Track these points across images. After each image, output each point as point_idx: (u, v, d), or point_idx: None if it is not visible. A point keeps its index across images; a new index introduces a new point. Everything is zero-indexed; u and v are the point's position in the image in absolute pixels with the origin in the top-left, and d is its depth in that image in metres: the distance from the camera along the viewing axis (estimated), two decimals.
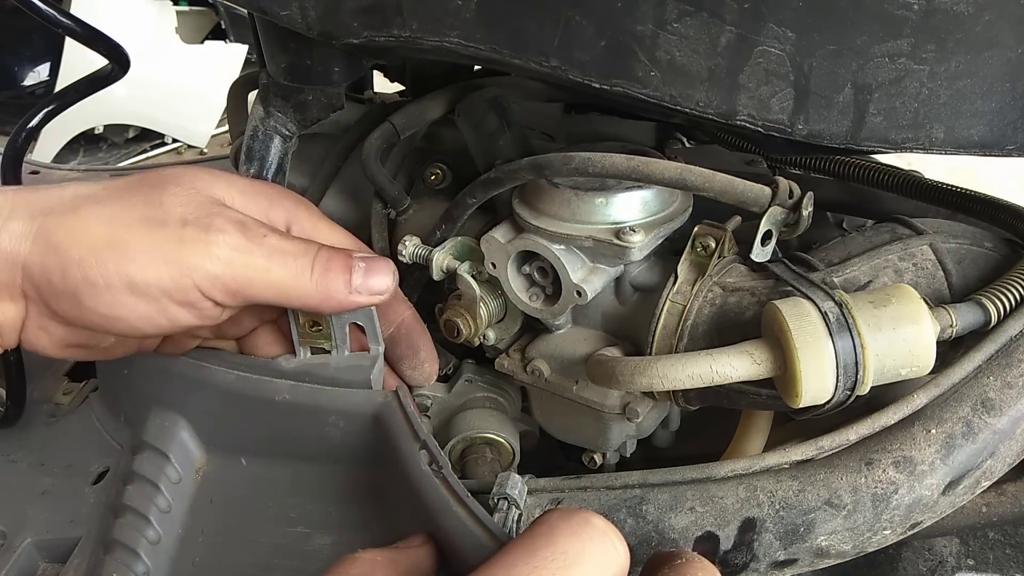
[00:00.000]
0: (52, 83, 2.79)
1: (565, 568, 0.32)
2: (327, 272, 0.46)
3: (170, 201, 0.44)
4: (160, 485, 0.49)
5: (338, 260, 0.47)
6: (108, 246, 0.42)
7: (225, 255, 0.43)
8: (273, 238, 0.45)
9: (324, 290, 0.46)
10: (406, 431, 0.45)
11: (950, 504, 0.44)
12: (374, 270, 0.48)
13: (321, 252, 0.46)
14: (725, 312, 0.51)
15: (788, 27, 0.40)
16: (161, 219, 0.43)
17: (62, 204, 0.43)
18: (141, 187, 0.45)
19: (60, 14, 0.59)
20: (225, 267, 0.43)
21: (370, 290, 0.47)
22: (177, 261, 0.42)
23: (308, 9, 0.48)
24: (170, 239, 0.42)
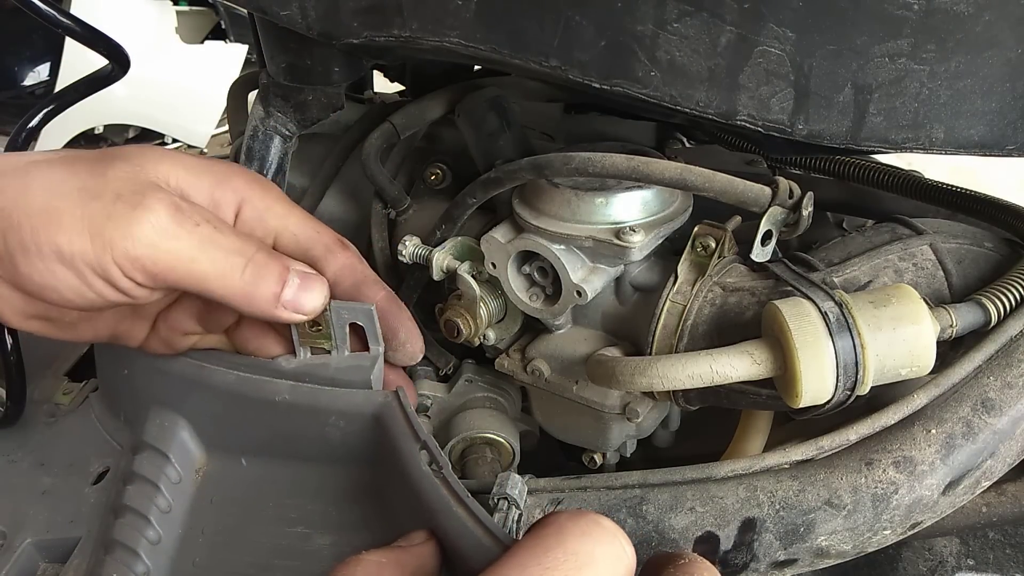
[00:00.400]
0: (52, 83, 2.79)
1: (576, 569, 0.31)
2: (258, 279, 0.45)
3: (112, 174, 0.43)
4: (160, 485, 0.49)
5: (272, 269, 0.45)
6: (43, 212, 0.42)
7: (148, 236, 0.42)
8: (207, 228, 0.44)
9: (249, 295, 0.45)
10: (406, 431, 0.45)
11: (950, 504, 0.44)
12: (307, 287, 0.47)
13: (258, 255, 0.45)
14: (725, 312, 0.51)
15: (788, 27, 0.40)
16: (98, 191, 0.42)
17: (15, 168, 0.43)
18: (91, 159, 0.44)
19: (60, 14, 0.59)
20: (145, 249, 0.42)
21: (297, 308, 0.46)
22: (100, 235, 0.41)
23: (308, 9, 0.48)
24: (99, 212, 0.42)
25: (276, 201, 0.50)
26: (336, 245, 0.50)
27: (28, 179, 0.42)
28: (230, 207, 0.48)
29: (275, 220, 0.49)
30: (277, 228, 0.49)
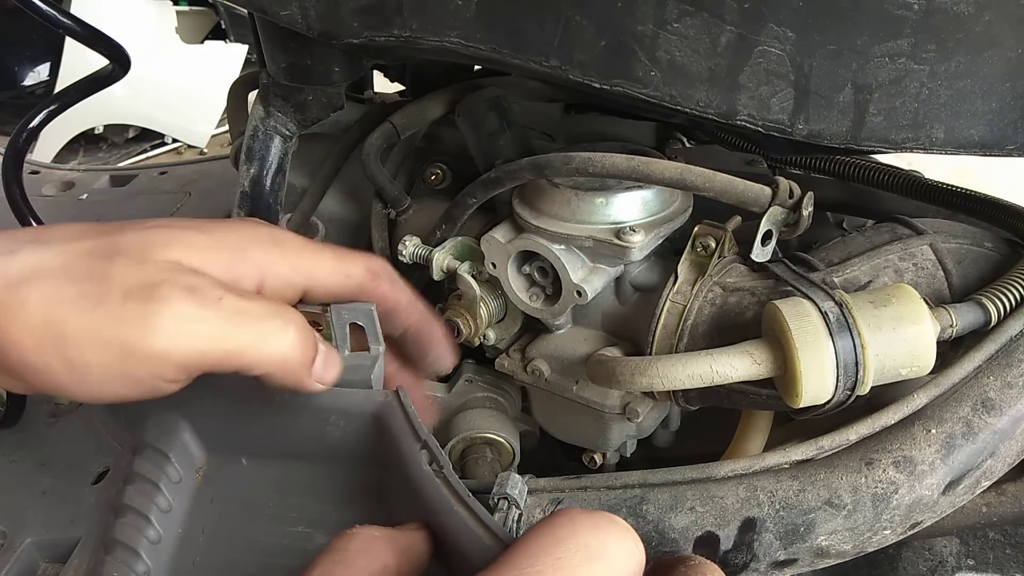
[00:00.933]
0: (52, 83, 2.79)
1: (588, 561, 0.31)
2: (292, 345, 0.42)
3: (116, 272, 0.40)
4: (160, 485, 0.49)
5: (307, 333, 0.43)
6: (44, 327, 0.38)
7: (167, 329, 0.39)
8: (231, 299, 0.41)
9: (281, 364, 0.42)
10: (406, 431, 0.45)
11: (950, 504, 0.44)
12: (330, 362, 0.45)
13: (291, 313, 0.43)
14: (725, 312, 0.51)
15: (788, 27, 0.40)
16: (101, 295, 0.39)
17: (9, 276, 0.39)
18: (91, 258, 0.41)
19: (60, 14, 0.59)
20: (170, 343, 0.39)
21: (322, 380, 0.44)
22: (115, 342, 0.38)
23: (308, 9, 0.48)
24: (107, 317, 0.39)
25: (299, 259, 0.47)
26: (368, 282, 0.48)
27: (24, 290, 0.39)
28: (251, 281, 0.45)
29: (302, 279, 0.47)
30: (306, 286, 0.47)
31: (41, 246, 0.41)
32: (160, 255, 0.41)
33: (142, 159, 3.09)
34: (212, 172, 1.28)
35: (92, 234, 0.42)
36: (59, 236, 0.42)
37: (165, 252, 0.42)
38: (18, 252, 0.40)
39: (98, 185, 1.29)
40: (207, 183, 1.24)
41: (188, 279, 0.40)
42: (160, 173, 1.31)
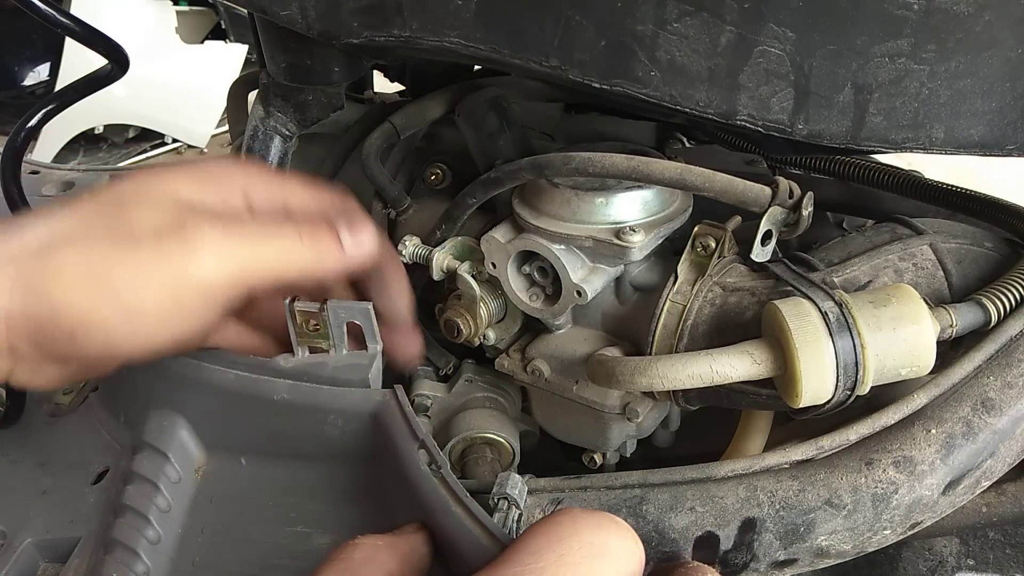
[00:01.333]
0: (52, 83, 2.79)
1: (591, 558, 0.31)
2: (316, 240, 0.45)
3: (137, 216, 0.42)
4: (160, 485, 0.49)
5: (323, 228, 0.46)
6: (92, 280, 0.40)
7: (212, 256, 0.42)
8: (250, 224, 0.44)
9: (319, 260, 0.45)
10: (404, 430, 0.45)
11: (950, 504, 0.44)
12: (356, 227, 0.47)
13: (302, 223, 0.46)
14: (725, 312, 0.51)
15: (788, 27, 0.40)
16: (135, 238, 0.41)
17: (34, 247, 0.41)
18: (106, 209, 0.43)
19: (60, 14, 0.59)
20: (215, 267, 0.42)
21: (360, 248, 0.47)
22: (165, 277, 0.41)
23: (308, 9, 0.48)
24: (151, 257, 0.41)
25: (272, 179, 0.50)
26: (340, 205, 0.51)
27: (57, 254, 0.41)
28: (239, 201, 0.48)
29: (279, 194, 0.49)
30: (285, 201, 0.50)
31: (47, 217, 0.43)
32: (164, 195, 0.44)
33: (142, 159, 3.09)
34: None
35: (88, 198, 0.44)
36: (58, 207, 0.43)
37: (166, 191, 0.44)
38: (27, 227, 0.42)
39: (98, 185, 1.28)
40: None
41: (205, 211, 0.43)
42: None
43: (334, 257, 0.46)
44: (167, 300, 0.41)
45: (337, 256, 0.46)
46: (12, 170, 0.63)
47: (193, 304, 0.42)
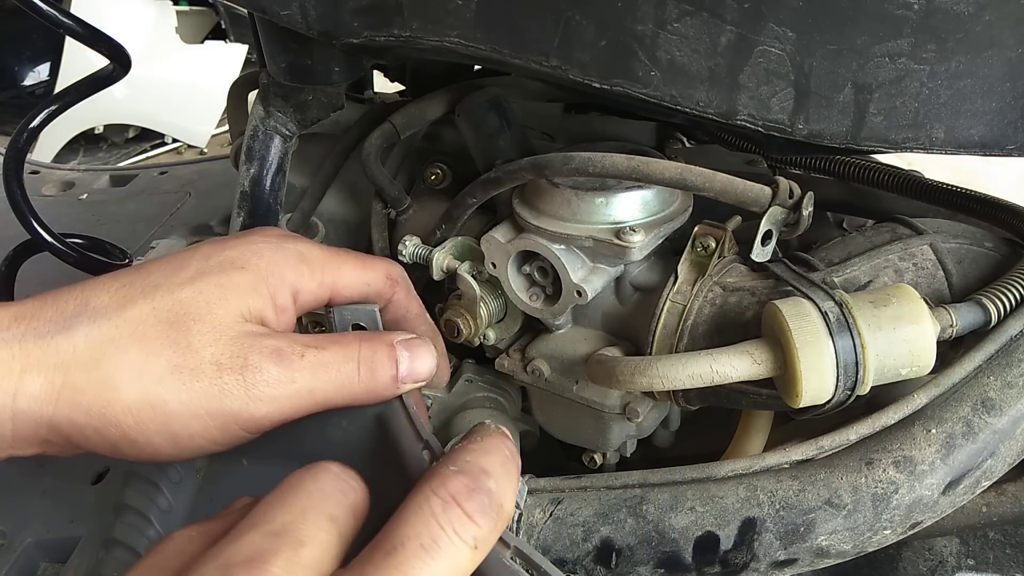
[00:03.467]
0: (52, 83, 2.80)
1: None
2: (373, 373, 0.45)
3: (198, 342, 0.41)
4: (160, 485, 0.49)
5: (380, 355, 0.45)
6: (146, 406, 0.40)
7: (268, 394, 0.42)
8: (311, 354, 0.43)
9: (371, 391, 0.45)
10: (408, 431, 0.45)
11: (950, 504, 0.44)
12: (416, 355, 0.46)
13: (363, 350, 0.45)
14: (725, 312, 0.51)
15: (788, 27, 0.40)
16: (194, 366, 0.41)
17: (80, 355, 0.40)
18: (166, 324, 0.42)
19: (60, 14, 0.59)
20: (269, 406, 0.42)
21: (415, 377, 0.46)
22: (220, 413, 0.41)
23: (308, 9, 0.48)
24: (209, 391, 0.41)
25: (324, 274, 0.48)
26: (386, 288, 0.51)
27: (106, 368, 0.40)
28: (288, 298, 0.47)
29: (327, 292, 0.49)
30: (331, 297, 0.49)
31: (94, 317, 0.41)
32: (226, 313, 0.43)
33: (142, 159, 3.09)
34: (212, 172, 1.28)
35: (139, 293, 0.43)
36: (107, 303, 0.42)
37: (228, 308, 0.43)
38: (73, 327, 0.41)
39: (98, 185, 1.29)
40: (207, 183, 1.24)
41: (269, 341, 0.43)
42: (160, 173, 1.31)
43: (388, 390, 0.45)
44: (216, 431, 0.42)
45: (391, 389, 0.46)
46: (15, 170, 0.63)
47: (242, 435, 0.43)
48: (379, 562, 0.33)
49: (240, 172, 0.62)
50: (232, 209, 0.63)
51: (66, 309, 0.41)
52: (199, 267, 0.44)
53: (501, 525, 0.36)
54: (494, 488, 0.36)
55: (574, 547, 0.45)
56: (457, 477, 0.36)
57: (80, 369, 0.40)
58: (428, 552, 0.33)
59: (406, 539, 0.34)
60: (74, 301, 0.42)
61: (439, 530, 0.34)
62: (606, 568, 0.45)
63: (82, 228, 0.75)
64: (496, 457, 0.38)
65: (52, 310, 0.41)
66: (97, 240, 0.73)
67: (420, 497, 0.35)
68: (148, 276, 0.44)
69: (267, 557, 0.32)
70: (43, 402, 0.39)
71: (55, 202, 1.24)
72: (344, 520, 0.36)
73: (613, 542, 0.45)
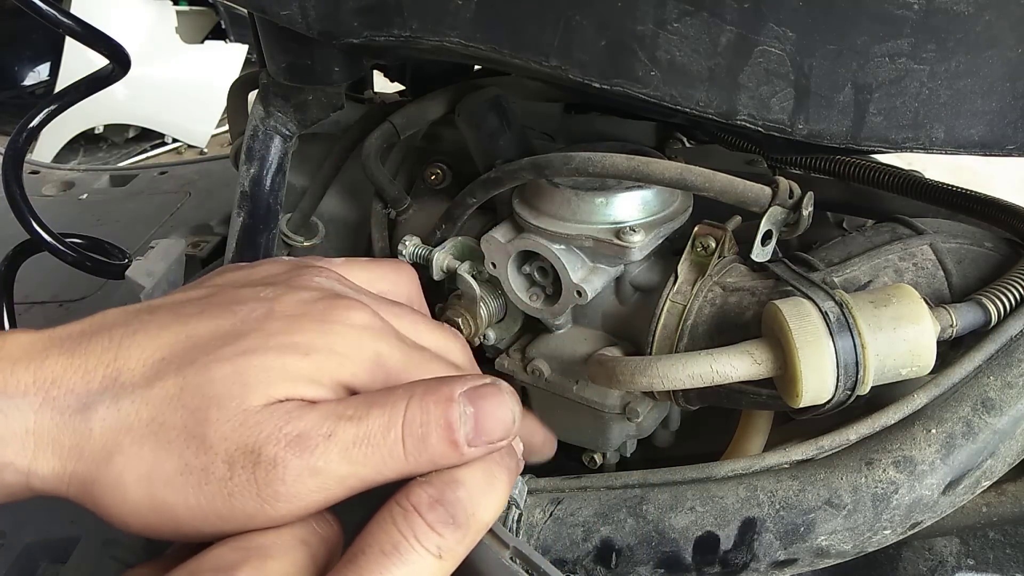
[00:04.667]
0: (52, 83, 2.80)
1: None
2: (423, 441, 0.36)
3: (214, 435, 0.35)
4: None
5: (436, 413, 0.36)
6: (151, 512, 0.36)
7: (285, 493, 0.35)
8: (343, 430, 0.35)
9: (428, 464, 0.36)
10: None
11: (950, 504, 0.44)
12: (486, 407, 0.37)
13: (410, 411, 0.36)
14: (725, 312, 0.51)
15: (788, 27, 0.40)
16: (205, 466, 0.35)
17: (94, 443, 0.36)
18: (182, 415, 0.36)
19: (60, 14, 0.59)
20: (289, 505, 0.35)
21: (487, 439, 0.36)
22: (233, 517, 0.35)
23: (308, 9, 0.48)
24: (219, 495, 0.35)
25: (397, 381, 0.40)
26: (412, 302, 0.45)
27: (117, 466, 0.36)
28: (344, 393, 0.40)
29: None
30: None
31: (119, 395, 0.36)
32: (257, 395, 0.36)
33: (142, 159, 3.09)
34: (212, 172, 1.28)
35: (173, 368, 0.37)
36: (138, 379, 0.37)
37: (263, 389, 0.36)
38: (93, 407, 0.36)
39: (98, 185, 1.29)
40: (207, 183, 1.24)
41: (290, 426, 0.35)
42: (160, 173, 1.31)
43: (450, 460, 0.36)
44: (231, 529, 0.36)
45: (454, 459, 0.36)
46: (14, 170, 0.63)
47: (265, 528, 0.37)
48: (340, 570, 0.33)
49: (240, 172, 0.62)
50: (232, 209, 0.63)
51: (93, 379, 0.37)
52: (253, 344, 0.37)
53: (472, 534, 0.35)
54: (463, 498, 0.35)
55: (574, 547, 0.45)
56: (422, 487, 0.35)
57: (92, 460, 0.36)
58: (389, 558, 0.33)
59: (367, 547, 0.33)
60: (104, 369, 0.37)
61: (399, 537, 0.33)
62: (606, 568, 0.45)
63: (82, 228, 0.75)
64: (477, 464, 0.36)
65: (78, 377, 0.37)
66: (97, 240, 0.73)
67: (386, 508, 0.35)
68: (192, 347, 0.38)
69: (236, 567, 0.32)
70: (55, 484, 0.37)
71: (55, 202, 1.24)
72: (316, 546, 0.35)
73: (613, 542, 0.45)
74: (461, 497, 0.35)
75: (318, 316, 0.40)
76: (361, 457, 0.36)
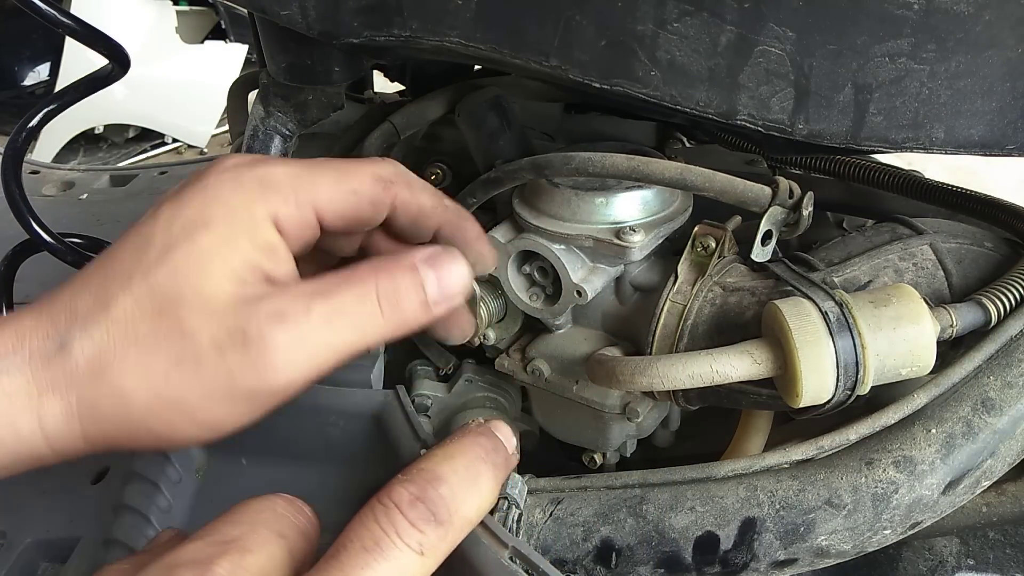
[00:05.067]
0: (52, 83, 2.80)
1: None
2: (398, 304, 0.40)
3: (191, 326, 0.38)
4: (160, 485, 0.49)
5: (404, 282, 0.40)
6: (162, 406, 0.38)
7: (281, 363, 0.38)
8: (319, 304, 0.39)
9: (400, 324, 0.40)
10: (407, 431, 0.45)
11: (950, 504, 0.44)
12: (444, 270, 0.41)
13: (381, 281, 0.40)
14: (725, 312, 0.51)
15: (788, 27, 0.40)
16: (195, 355, 0.38)
17: (82, 371, 0.38)
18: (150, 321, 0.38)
19: (60, 14, 0.59)
20: (288, 374, 0.38)
21: (449, 295, 0.41)
22: (239, 394, 0.38)
23: (308, 9, 0.48)
24: (218, 376, 0.38)
25: (299, 193, 0.42)
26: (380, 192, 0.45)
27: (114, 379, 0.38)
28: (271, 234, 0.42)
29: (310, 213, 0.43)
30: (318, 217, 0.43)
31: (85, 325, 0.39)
32: (210, 285, 0.39)
33: (142, 159, 3.09)
34: None
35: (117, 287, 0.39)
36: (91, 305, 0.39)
37: (210, 278, 0.39)
38: (69, 343, 0.38)
39: (98, 185, 1.29)
40: None
41: (266, 305, 0.38)
42: (160, 173, 1.31)
43: (421, 319, 0.41)
44: (243, 408, 0.39)
45: (425, 317, 0.41)
46: (13, 170, 0.63)
47: (270, 403, 0.40)
48: (321, 566, 0.33)
49: None
50: None
51: (59, 321, 0.39)
52: (163, 240, 0.40)
53: (455, 531, 0.36)
54: (445, 494, 0.36)
55: (574, 547, 0.45)
56: (403, 485, 0.36)
57: (87, 385, 0.38)
58: (370, 553, 0.33)
59: (348, 542, 0.34)
60: (64, 311, 0.39)
61: (381, 533, 0.34)
62: (606, 568, 0.45)
63: (82, 228, 0.75)
64: (460, 460, 0.38)
65: (48, 325, 0.39)
66: (97, 240, 0.73)
67: (367, 506, 0.35)
68: (120, 263, 0.40)
69: (213, 559, 0.32)
70: (68, 422, 0.38)
71: (55, 202, 1.24)
72: (294, 540, 0.36)
73: (613, 542, 0.45)
74: (443, 494, 0.36)
75: (194, 183, 0.42)
76: (343, 325, 0.39)
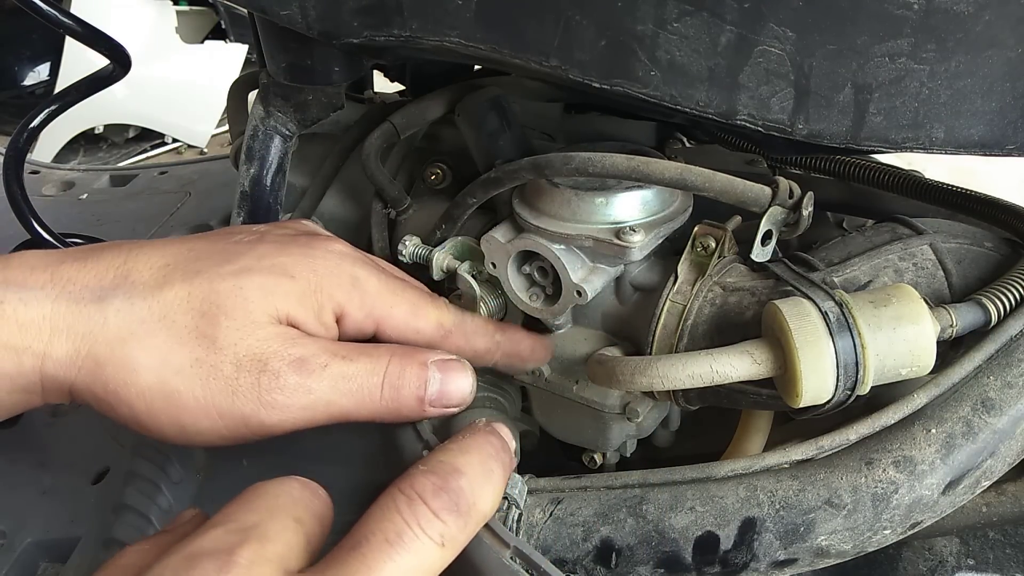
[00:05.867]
0: (52, 83, 2.80)
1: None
2: (398, 391, 0.43)
3: (224, 338, 0.41)
4: (161, 485, 0.49)
5: (409, 373, 0.44)
6: (159, 395, 0.40)
7: (281, 402, 0.41)
8: (335, 365, 0.42)
9: (394, 411, 0.43)
10: (409, 432, 0.45)
11: (950, 504, 0.44)
12: (450, 377, 0.45)
13: (391, 365, 0.43)
14: (725, 312, 0.51)
15: (788, 27, 0.40)
16: (214, 363, 0.40)
17: (108, 329, 0.40)
18: (192, 316, 0.41)
19: (60, 14, 0.59)
20: (281, 414, 0.41)
21: (445, 403, 0.45)
22: (231, 414, 0.40)
23: (308, 9, 0.48)
24: (223, 390, 0.40)
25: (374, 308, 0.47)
26: (438, 339, 0.49)
27: (130, 350, 0.40)
28: (332, 316, 0.46)
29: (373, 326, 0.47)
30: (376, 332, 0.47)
31: (131, 293, 0.41)
32: (260, 312, 0.42)
33: (142, 159, 3.09)
34: (212, 172, 1.28)
35: (180, 276, 0.42)
36: (148, 280, 0.42)
37: (264, 306, 0.42)
38: (108, 300, 0.41)
39: (98, 185, 1.29)
40: (207, 183, 1.24)
41: (294, 349, 0.42)
42: (160, 173, 1.31)
43: (412, 413, 0.44)
44: (225, 430, 0.41)
45: (416, 412, 0.44)
46: (15, 170, 0.63)
47: (249, 437, 0.42)
48: (343, 557, 0.33)
49: (240, 172, 0.62)
50: (232, 209, 0.63)
51: (105, 278, 0.41)
52: (248, 264, 0.43)
53: (473, 524, 0.37)
54: (465, 487, 0.37)
55: (574, 547, 0.45)
56: (425, 476, 0.36)
57: (106, 343, 0.40)
58: (393, 546, 0.33)
59: (370, 534, 0.34)
60: (115, 271, 0.41)
61: (404, 525, 0.34)
62: (606, 568, 0.45)
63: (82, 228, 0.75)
64: (475, 456, 0.39)
65: (92, 276, 0.41)
66: (97, 240, 0.73)
67: (387, 495, 0.36)
68: (195, 260, 0.43)
69: (233, 549, 0.32)
70: (67, 367, 0.40)
71: (55, 202, 1.24)
72: (310, 524, 0.36)
73: (613, 542, 0.45)
74: (463, 486, 0.37)
75: (302, 243, 0.47)
76: (346, 390, 0.42)
